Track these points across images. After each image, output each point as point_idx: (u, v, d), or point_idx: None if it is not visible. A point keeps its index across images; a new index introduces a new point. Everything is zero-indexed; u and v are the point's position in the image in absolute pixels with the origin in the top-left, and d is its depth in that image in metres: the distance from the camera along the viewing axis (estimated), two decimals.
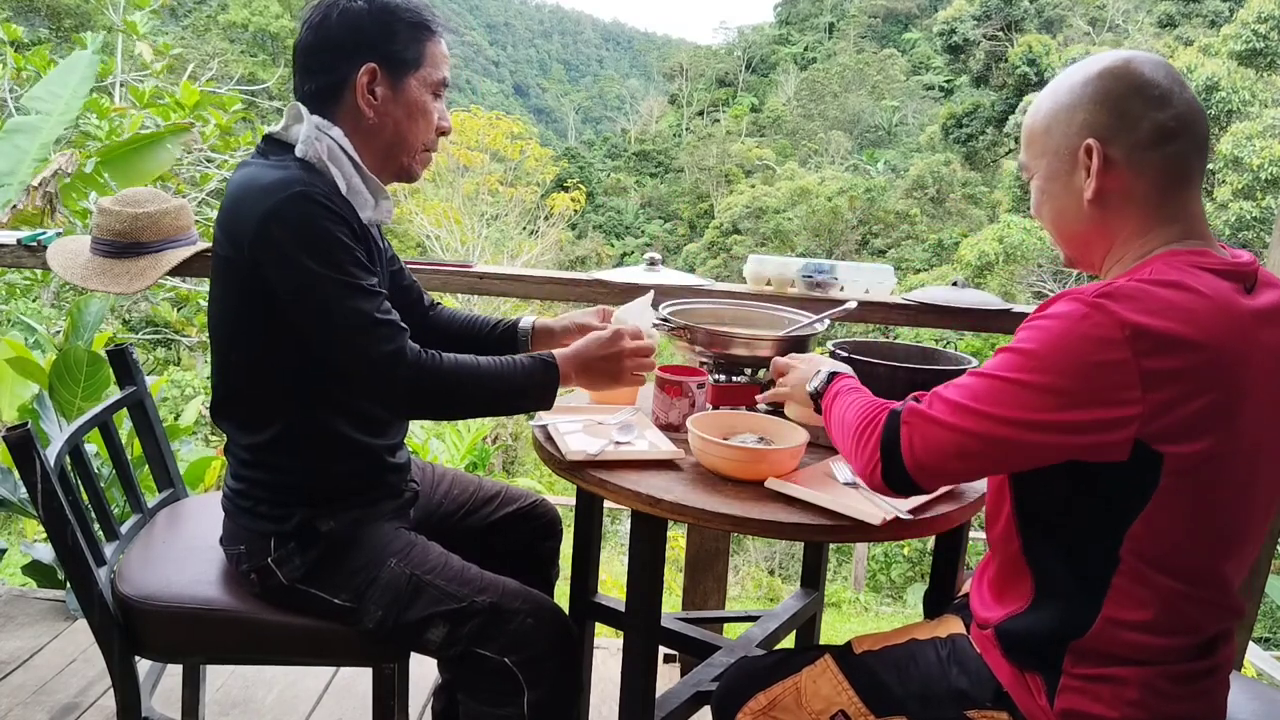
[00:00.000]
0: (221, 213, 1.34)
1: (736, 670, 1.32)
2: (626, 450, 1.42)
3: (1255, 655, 4.31)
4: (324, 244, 1.27)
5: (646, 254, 2.26)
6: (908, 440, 1.06)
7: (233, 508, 1.45)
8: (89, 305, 3.18)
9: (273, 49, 24.63)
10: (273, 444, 1.40)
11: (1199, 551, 1.02)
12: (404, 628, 1.40)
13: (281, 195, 1.26)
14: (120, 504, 2.55)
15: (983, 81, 31.44)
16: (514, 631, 1.40)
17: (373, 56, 1.36)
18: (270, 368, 1.37)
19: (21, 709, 2.05)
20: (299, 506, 1.41)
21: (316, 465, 1.42)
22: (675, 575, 4.46)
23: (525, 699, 1.40)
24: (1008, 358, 1.02)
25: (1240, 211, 14.92)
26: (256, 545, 1.42)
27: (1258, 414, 1.00)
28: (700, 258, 27.69)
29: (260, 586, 1.43)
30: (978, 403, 1.02)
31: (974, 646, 1.17)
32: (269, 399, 1.39)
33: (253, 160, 1.38)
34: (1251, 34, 17.84)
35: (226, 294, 1.36)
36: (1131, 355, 0.94)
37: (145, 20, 5.73)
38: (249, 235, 1.27)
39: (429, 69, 1.41)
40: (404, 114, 1.40)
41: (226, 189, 1.35)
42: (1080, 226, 1.11)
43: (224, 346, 1.41)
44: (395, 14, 1.37)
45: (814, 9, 51.87)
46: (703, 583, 2.35)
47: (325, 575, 1.42)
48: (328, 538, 1.42)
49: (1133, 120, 1.05)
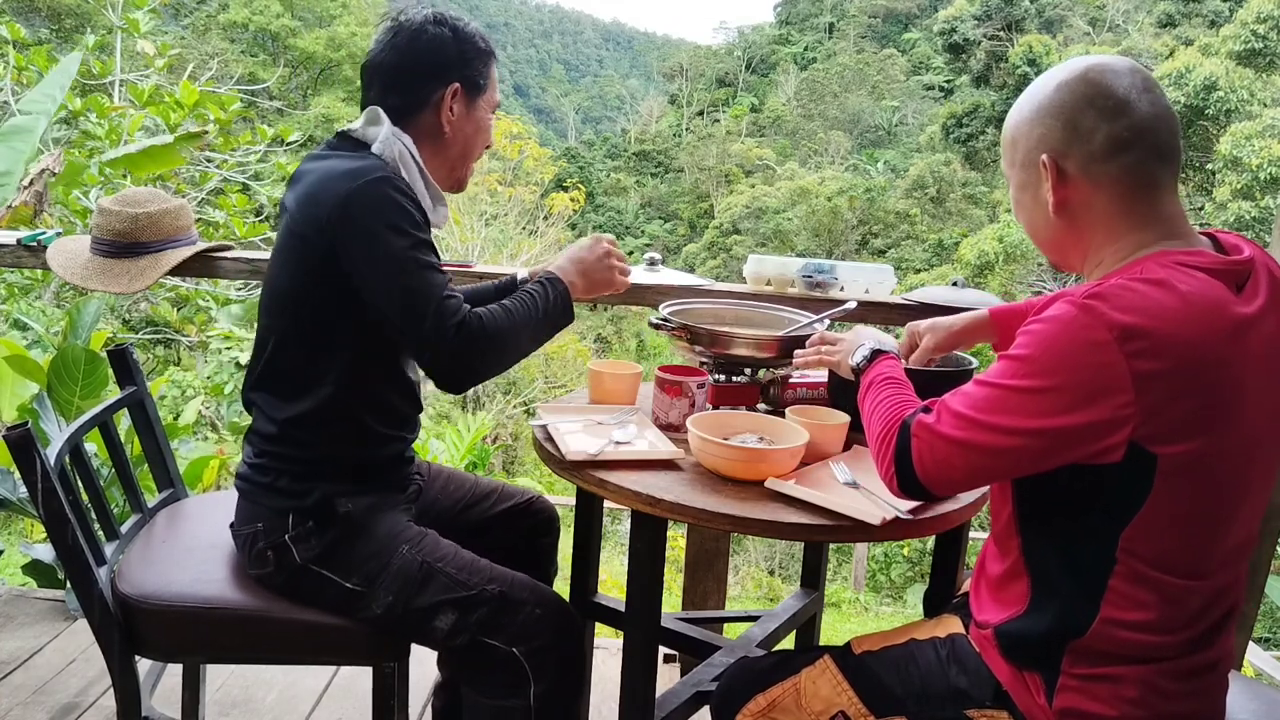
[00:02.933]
0: (298, 194, 1.42)
1: (736, 671, 1.32)
2: (626, 450, 1.43)
3: (1255, 655, 4.31)
4: (404, 224, 1.37)
5: (646, 254, 2.26)
6: (918, 454, 1.08)
7: (251, 487, 1.48)
8: (87, 305, 3.18)
9: (273, 49, 24.63)
10: (305, 419, 1.44)
11: (1192, 549, 1.03)
12: (412, 614, 1.42)
13: (366, 179, 1.36)
14: (120, 504, 2.55)
15: (983, 81, 31.45)
16: (522, 622, 1.43)
17: (455, 78, 1.50)
18: (322, 345, 1.43)
19: (21, 709, 2.05)
20: (321, 483, 1.44)
21: (343, 446, 1.47)
22: (675, 575, 4.46)
23: (531, 690, 1.42)
24: (1007, 364, 1.03)
25: (1239, 211, 14.92)
26: (274, 522, 1.44)
27: (1247, 413, 1.00)
28: (700, 258, 27.69)
29: (274, 565, 1.45)
30: (981, 413, 1.03)
31: (973, 646, 1.18)
32: (312, 375, 1.44)
33: (328, 152, 1.48)
34: (1250, 34, 17.84)
35: (294, 270, 1.43)
36: (1122, 356, 0.95)
37: (145, 20, 5.73)
38: (332, 215, 1.35)
39: (492, 92, 1.57)
40: (472, 131, 1.55)
41: (299, 174, 1.46)
42: (1051, 234, 1.14)
43: (279, 320, 1.46)
44: (473, 41, 1.53)
45: (814, 9, 51.87)
46: (703, 583, 2.35)
47: (339, 557, 1.44)
48: (345, 520, 1.45)
49: (1085, 133, 1.06)
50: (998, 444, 1.02)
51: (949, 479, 1.08)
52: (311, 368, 1.44)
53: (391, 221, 1.36)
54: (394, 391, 1.52)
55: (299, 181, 1.45)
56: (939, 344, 1.51)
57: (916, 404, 1.16)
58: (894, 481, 1.12)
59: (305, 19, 25.43)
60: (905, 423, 1.11)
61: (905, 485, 1.11)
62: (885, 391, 1.23)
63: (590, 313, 18.78)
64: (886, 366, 1.30)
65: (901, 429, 1.11)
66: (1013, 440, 1.01)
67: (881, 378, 1.27)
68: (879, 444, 1.15)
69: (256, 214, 6.85)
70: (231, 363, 5.93)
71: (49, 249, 2.15)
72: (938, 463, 1.07)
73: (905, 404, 1.18)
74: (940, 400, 1.10)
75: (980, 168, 28.35)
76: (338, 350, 1.43)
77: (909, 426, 1.10)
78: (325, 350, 1.43)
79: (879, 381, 1.27)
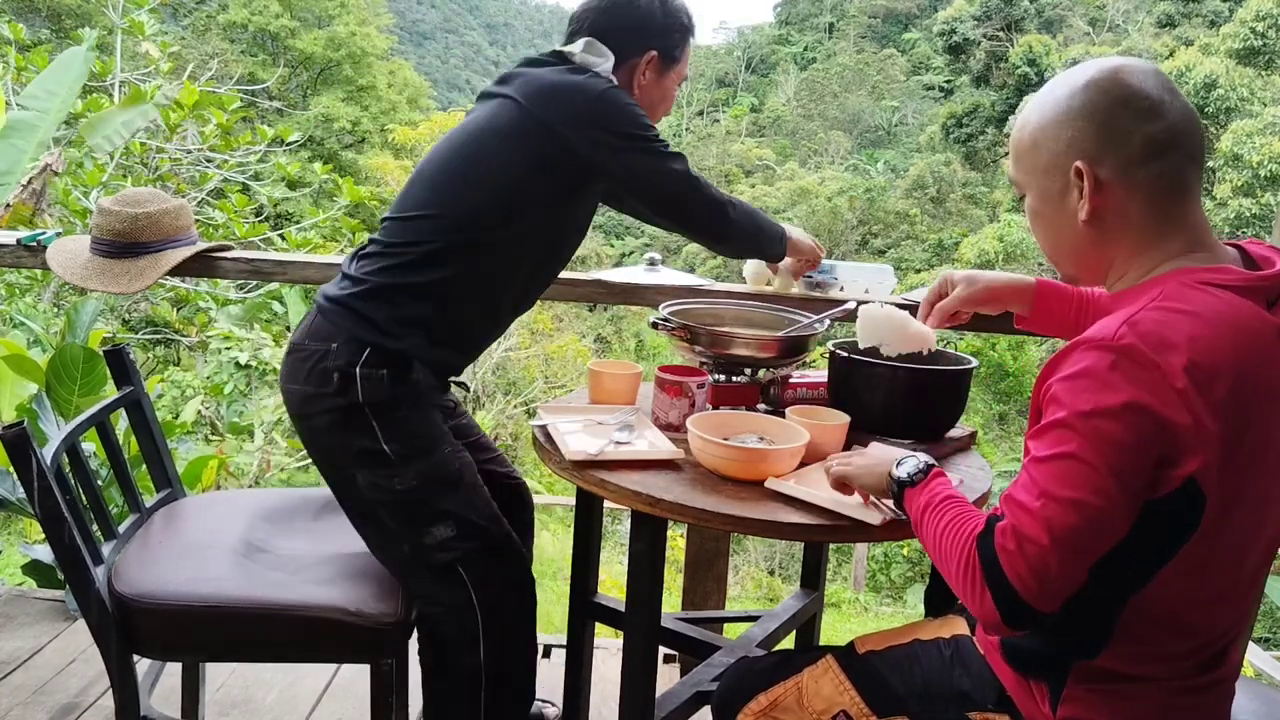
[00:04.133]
0: (528, 89, 1.52)
1: (737, 671, 1.32)
2: (626, 450, 1.42)
3: (1255, 655, 4.31)
4: (646, 123, 1.55)
5: (647, 254, 2.26)
6: (1014, 574, 0.92)
7: (336, 307, 1.50)
8: (85, 304, 3.18)
9: (272, 49, 24.58)
10: (434, 260, 1.49)
11: (1215, 584, 0.99)
12: (422, 507, 1.48)
13: (607, 87, 1.52)
14: (118, 504, 2.55)
15: (983, 81, 31.42)
16: (498, 573, 1.54)
17: (656, 46, 1.64)
18: (492, 224, 1.50)
19: (21, 709, 2.05)
20: (415, 333, 1.49)
21: (453, 311, 1.52)
22: (675, 575, 4.45)
23: (480, 648, 1.53)
24: (1060, 434, 0.93)
25: (1240, 209, 14.93)
26: (351, 348, 1.47)
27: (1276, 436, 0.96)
28: (700, 258, 27.66)
29: (334, 388, 1.46)
30: (1064, 489, 0.91)
31: (978, 648, 1.17)
32: (456, 248, 1.50)
33: (552, 63, 1.58)
34: (1250, 32, 17.85)
35: (503, 150, 1.51)
36: (1189, 389, 0.89)
37: (146, 20, 5.72)
38: (575, 115, 1.49)
39: (683, 66, 1.70)
40: (658, 98, 1.69)
41: (517, 73, 1.57)
42: (1078, 246, 1.07)
43: (451, 193, 1.53)
44: (677, 16, 1.66)
45: (814, 9, 51.84)
46: (703, 583, 2.34)
47: (393, 416, 1.48)
48: (413, 387, 1.50)
49: (1122, 136, 1.00)
50: (1091, 517, 0.90)
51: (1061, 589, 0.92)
52: (462, 240, 1.50)
53: (636, 123, 1.52)
54: (500, 305, 1.60)
55: (517, 79, 1.54)
56: (971, 296, 1.43)
57: (983, 516, 1.00)
58: (1002, 627, 0.94)
59: (305, 19, 25.38)
60: (990, 552, 0.94)
61: (1012, 615, 0.93)
62: (949, 513, 1.04)
63: (590, 313, 18.76)
64: (942, 485, 1.10)
65: (981, 547, 0.95)
66: (1100, 501, 0.90)
67: (940, 497, 1.08)
68: (962, 576, 0.97)
69: (257, 214, 6.84)
70: (231, 363, 5.93)
71: (49, 249, 2.15)
72: (1036, 574, 0.91)
73: (972, 517, 1.02)
74: (1005, 507, 0.96)
75: (980, 168, 28.33)
76: (509, 231, 1.51)
77: (993, 551, 0.93)
78: (490, 230, 1.50)
79: (938, 504, 1.07)
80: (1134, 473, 0.91)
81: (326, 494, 1.83)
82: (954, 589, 1.00)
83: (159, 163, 5.79)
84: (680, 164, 1.56)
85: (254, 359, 5.91)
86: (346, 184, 6.22)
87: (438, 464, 1.50)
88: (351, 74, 25.02)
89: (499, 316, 1.64)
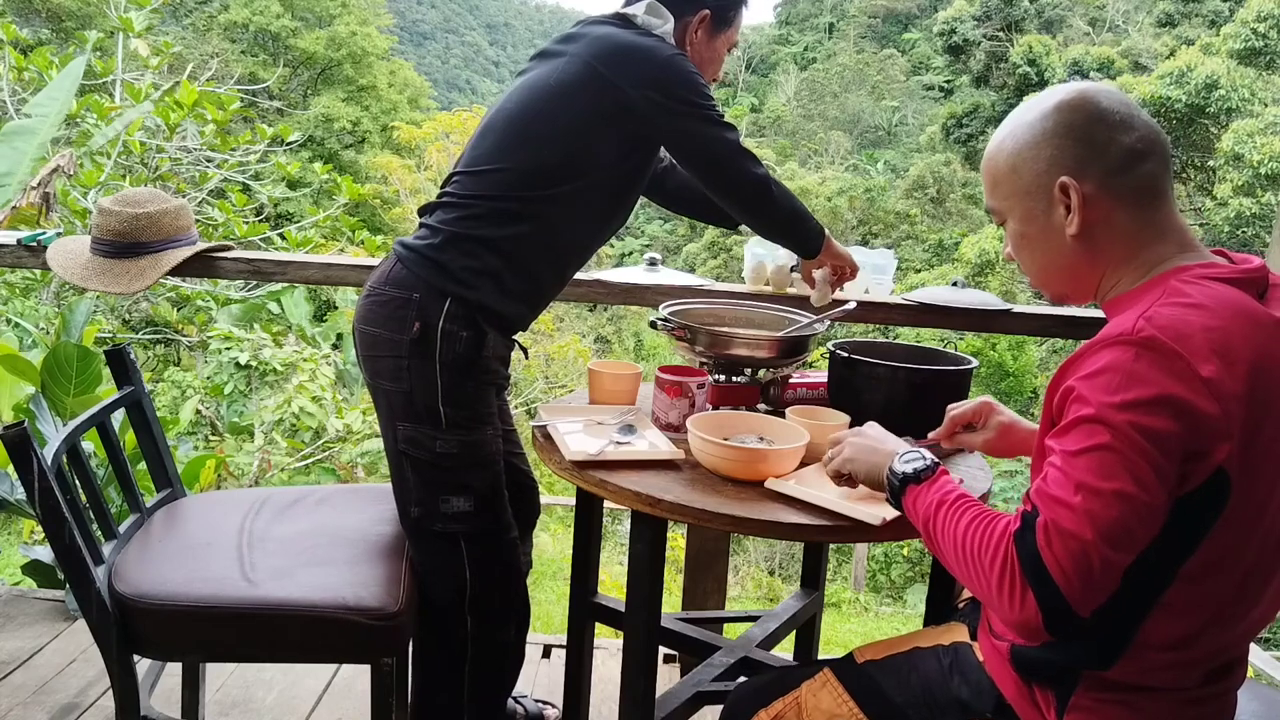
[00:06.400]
0: (597, 48, 1.56)
1: (738, 691, 1.32)
2: (626, 450, 1.42)
3: (1255, 655, 4.31)
4: (706, 91, 1.59)
5: (646, 254, 2.27)
6: (1059, 571, 0.89)
7: (417, 253, 1.54)
8: (79, 303, 3.18)
9: (273, 49, 24.56)
10: (504, 213, 1.54)
11: (1234, 581, 0.99)
12: (450, 474, 1.54)
13: (673, 54, 1.58)
14: (118, 504, 2.55)
15: (983, 82, 31.40)
16: (499, 561, 1.60)
17: (709, 6, 1.68)
18: (573, 174, 1.55)
19: (21, 709, 2.05)
20: (487, 283, 1.53)
21: (521, 263, 1.56)
22: (675, 575, 4.46)
23: (467, 631, 1.60)
24: (1091, 428, 0.91)
25: (1240, 208, 14.92)
26: (431, 298, 1.51)
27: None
28: (700, 258, 27.67)
29: (415, 334, 1.49)
30: (1103, 481, 0.89)
31: (976, 655, 1.17)
32: (536, 189, 1.54)
33: (616, 24, 1.62)
34: (1250, 33, 17.82)
35: (571, 106, 1.55)
36: (1213, 377, 0.90)
37: (144, 19, 5.71)
38: (641, 77, 1.53)
39: (733, 31, 1.73)
40: (708, 58, 1.73)
41: (582, 32, 1.60)
42: (1068, 262, 1.08)
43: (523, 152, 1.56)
44: None
45: (814, 9, 51.83)
46: (703, 583, 2.34)
47: (460, 380, 1.53)
48: (485, 363, 1.55)
49: (1101, 148, 1.03)
50: (1131, 508, 0.89)
51: (1108, 582, 0.90)
52: (530, 194, 1.54)
53: (697, 90, 1.57)
54: (567, 258, 1.65)
55: (583, 38, 1.58)
56: (987, 443, 1.37)
57: (1013, 514, 0.97)
58: (1035, 615, 0.90)
59: (305, 19, 25.36)
60: (1019, 534, 0.92)
61: (1054, 617, 0.89)
62: (969, 511, 1.02)
63: (590, 313, 18.76)
64: (951, 483, 1.09)
65: (1020, 545, 0.92)
66: (1139, 493, 0.89)
67: (955, 495, 1.06)
68: (998, 577, 0.93)
69: (257, 214, 6.84)
70: (231, 363, 5.93)
71: (49, 249, 2.15)
72: (1079, 570, 0.88)
73: (998, 515, 0.99)
74: (1037, 502, 0.93)
75: (980, 168, 28.30)
76: (588, 186, 1.56)
77: (1035, 548, 0.90)
78: (556, 184, 1.54)
79: (953, 502, 1.05)
80: (1168, 464, 0.90)
81: (328, 489, 1.83)
82: (980, 592, 0.96)
83: (159, 162, 5.79)
84: (731, 134, 1.60)
85: (254, 359, 5.91)
86: (345, 182, 6.21)
87: (482, 441, 1.56)
88: (352, 74, 25.00)
89: (564, 270, 1.68)
